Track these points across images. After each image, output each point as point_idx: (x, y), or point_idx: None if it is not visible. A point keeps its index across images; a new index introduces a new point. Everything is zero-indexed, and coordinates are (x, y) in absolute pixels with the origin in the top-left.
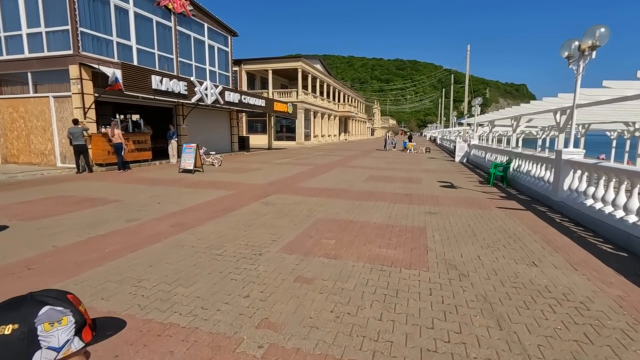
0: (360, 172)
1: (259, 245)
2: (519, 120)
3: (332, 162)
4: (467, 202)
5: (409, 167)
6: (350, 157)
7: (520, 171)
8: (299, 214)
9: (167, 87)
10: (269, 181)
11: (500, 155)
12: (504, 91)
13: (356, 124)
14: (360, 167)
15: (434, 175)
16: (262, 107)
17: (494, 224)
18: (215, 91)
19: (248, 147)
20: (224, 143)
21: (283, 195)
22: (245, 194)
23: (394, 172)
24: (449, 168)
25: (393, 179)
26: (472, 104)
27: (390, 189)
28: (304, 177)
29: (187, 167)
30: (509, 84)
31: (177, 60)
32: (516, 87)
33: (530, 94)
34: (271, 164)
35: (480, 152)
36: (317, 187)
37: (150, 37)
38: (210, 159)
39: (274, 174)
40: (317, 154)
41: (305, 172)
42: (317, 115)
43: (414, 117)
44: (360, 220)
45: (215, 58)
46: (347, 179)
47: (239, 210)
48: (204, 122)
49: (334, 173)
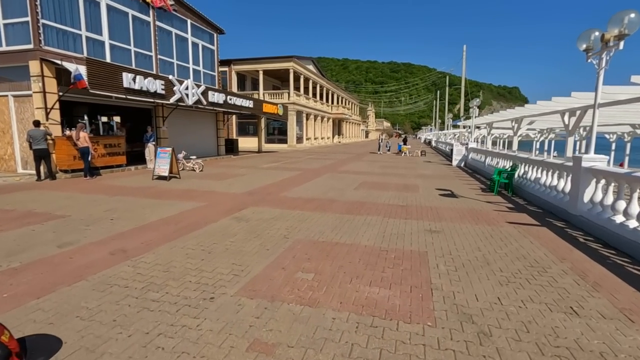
0: (352, 178)
1: (214, 283)
2: (520, 122)
3: (322, 166)
4: (472, 215)
5: (404, 172)
6: (343, 161)
7: (528, 178)
8: (275, 233)
9: (141, 86)
10: (250, 189)
11: (502, 160)
12: (497, 94)
13: (350, 127)
14: (352, 173)
15: (431, 181)
16: (250, 109)
17: (508, 246)
18: (197, 91)
19: (237, 150)
20: (209, 146)
21: (261, 208)
22: (217, 207)
23: (389, 177)
24: (447, 173)
25: (387, 186)
26: (470, 105)
27: (384, 198)
28: (289, 185)
29: (162, 173)
30: (501, 86)
31: (157, 58)
32: (509, 90)
33: (522, 97)
34: (257, 169)
35: (479, 155)
36: (302, 197)
37: (126, 32)
38: (191, 164)
39: (257, 181)
40: (308, 157)
41: (292, 179)
42: (310, 117)
43: (408, 120)
44: (347, 242)
45: (199, 56)
46: (337, 187)
47: (205, 228)
48: (188, 124)
49: (323, 179)
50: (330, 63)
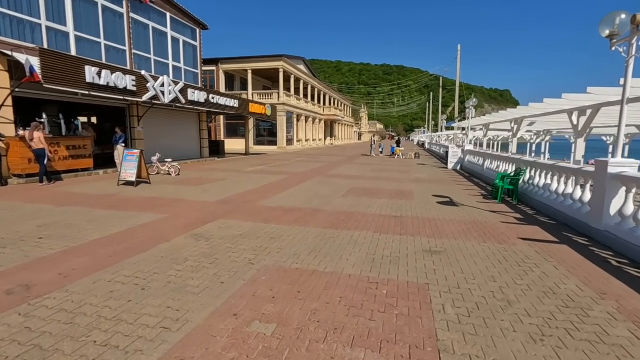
0: (341, 184)
1: (128, 345)
2: (520, 124)
3: (311, 170)
4: (477, 229)
5: (398, 175)
6: (333, 164)
7: (536, 185)
8: (238, 257)
9: (107, 81)
10: (225, 197)
11: (504, 163)
12: (488, 97)
13: (343, 128)
14: (342, 177)
15: (427, 186)
16: (235, 109)
17: (529, 274)
18: (175, 88)
19: (223, 152)
20: (192, 148)
21: (232, 221)
22: (179, 220)
23: (381, 182)
24: (443, 177)
25: (379, 192)
26: (466, 105)
27: (376, 207)
28: (271, 191)
29: (129, 178)
30: (493, 89)
31: (131, 53)
32: (500, 93)
33: (514, 100)
34: (240, 173)
35: (476, 158)
36: (282, 207)
37: (95, 23)
38: (166, 168)
39: (236, 187)
40: (298, 160)
41: (275, 184)
42: (301, 118)
43: (401, 122)
44: (327, 269)
45: (180, 53)
46: (324, 193)
47: (151, 251)
48: (167, 124)
49: (309, 185)
50: (323, 65)
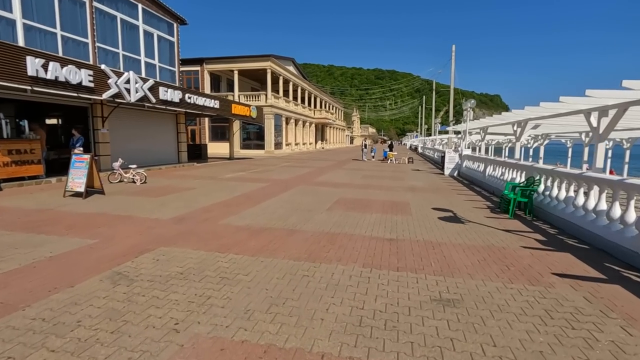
0: (328, 193)
1: None
2: (524, 126)
3: (296, 176)
4: (496, 258)
5: (391, 183)
6: (321, 170)
7: (555, 198)
8: (160, 320)
9: (56, 75)
10: (184, 213)
11: (511, 170)
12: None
13: (334, 132)
14: (329, 185)
15: (424, 196)
16: (216, 110)
17: (595, 346)
18: (144, 86)
19: (205, 156)
20: (168, 153)
21: (176, 250)
22: (109, 248)
23: (373, 192)
24: (440, 185)
25: (370, 204)
26: (464, 107)
27: (366, 225)
28: (244, 203)
29: (77, 188)
30: (483, 94)
31: (95, 46)
32: (490, 98)
33: (503, 104)
34: (215, 180)
35: (476, 164)
36: (249, 226)
37: (49, 11)
38: (130, 175)
39: (203, 198)
40: (284, 165)
41: (251, 194)
42: (290, 121)
43: (393, 126)
44: (289, 343)
45: (154, 48)
46: (305, 206)
47: (30, 309)
48: (139, 126)
49: (290, 195)
50: (315, 69)
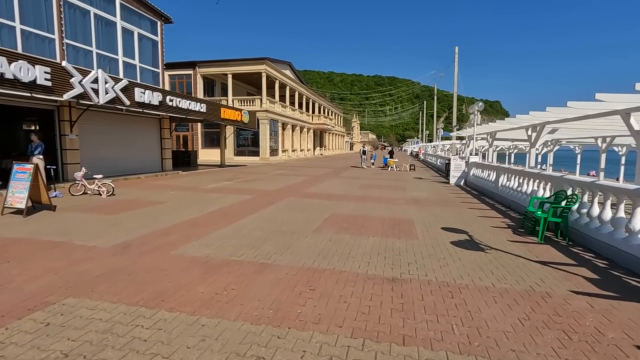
0: (319, 208)
1: None
2: (541, 131)
3: (286, 186)
4: (546, 318)
5: (391, 194)
6: (316, 178)
7: (601, 219)
8: None
9: (1, 71)
10: (135, 237)
11: (532, 182)
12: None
13: (333, 138)
14: (322, 197)
15: (430, 211)
16: (202, 114)
17: None
18: (115, 86)
19: (195, 164)
20: (150, 160)
21: (90, 302)
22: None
23: (371, 205)
24: (447, 196)
25: (367, 223)
26: (470, 110)
27: (360, 257)
28: (214, 222)
29: (17, 204)
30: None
31: (62, 43)
32: (490, 104)
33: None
34: (194, 192)
35: (486, 173)
36: (208, 258)
37: (7, 2)
38: (95, 186)
39: (168, 216)
40: (277, 173)
41: (228, 209)
42: (287, 127)
43: (393, 132)
44: None
45: (134, 47)
46: (289, 226)
47: None
48: (116, 132)
49: (275, 210)
50: (315, 76)
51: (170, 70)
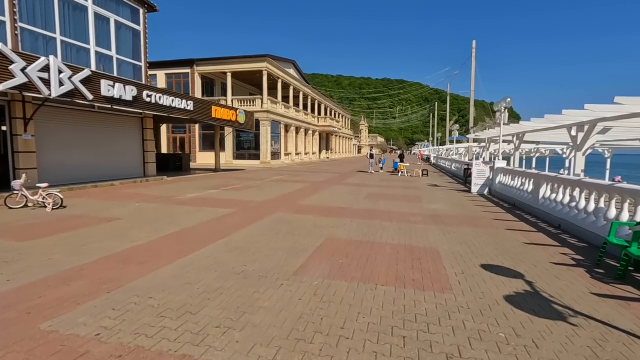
0: (310, 230)
1: None
2: (591, 130)
3: (280, 196)
4: None
5: (405, 206)
6: (317, 186)
7: None
8: None
9: None
10: (4, 290)
11: (601, 196)
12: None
13: (340, 141)
14: (318, 212)
15: (459, 235)
16: (189, 112)
17: None
18: (74, 77)
19: (187, 168)
20: (129, 165)
21: None
22: None
23: (379, 224)
24: (473, 210)
25: (374, 255)
26: (495, 107)
27: (359, 336)
28: (156, 255)
29: None
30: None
31: (15, 27)
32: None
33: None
34: (164, 204)
35: (519, 181)
36: (89, 345)
37: None
38: (40, 197)
39: (100, 245)
40: (274, 179)
41: (191, 231)
42: (291, 129)
43: (402, 135)
44: None
45: (111, 37)
46: (260, 264)
47: None
48: (88, 132)
49: (250, 234)
50: (324, 79)
51: (167, 69)
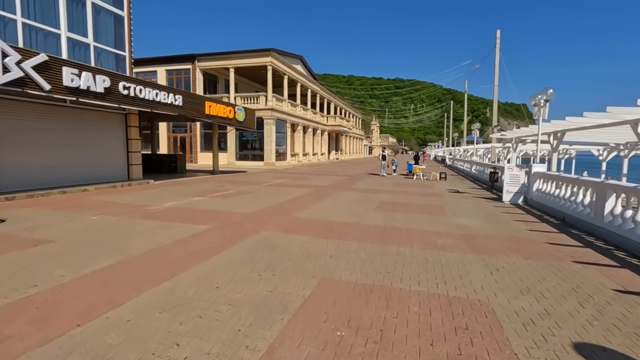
0: (298, 262)
1: None
2: None
3: (273, 206)
4: None
5: (426, 222)
6: (321, 191)
7: None
8: None
9: None
10: None
11: None
12: (504, 111)
13: (350, 141)
14: (314, 230)
15: (510, 271)
16: (176, 108)
17: None
18: (24, 63)
19: (182, 169)
20: (110, 167)
21: None
22: None
23: (395, 251)
24: (514, 227)
25: (391, 312)
26: (531, 101)
27: None
28: (87, 299)
29: None
30: (508, 103)
31: None
32: (516, 107)
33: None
34: (128, 216)
35: (569, 190)
36: None
37: None
38: None
39: (28, 276)
40: (274, 183)
41: (146, 259)
42: (297, 128)
43: (414, 136)
44: None
45: (87, 21)
46: (208, 334)
47: None
48: (58, 130)
49: (213, 269)
50: (335, 80)
51: (167, 65)
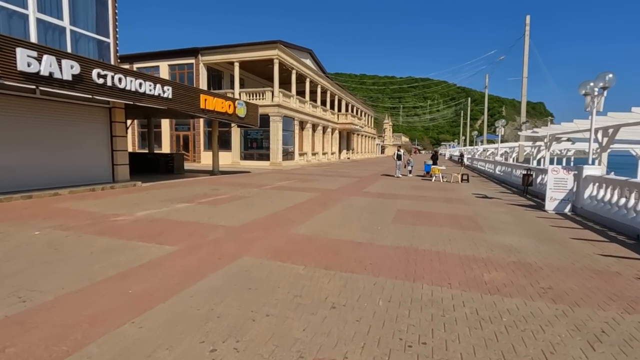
0: (282, 320)
1: None
2: None
3: (268, 216)
4: None
5: (458, 238)
6: (328, 196)
7: None
8: None
9: None
10: None
11: None
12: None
13: (362, 140)
14: (314, 254)
15: (610, 341)
16: (165, 101)
17: None
18: None
19: (180, 169)
20: (93, 167)
21: None
22: None
23: (427, 293)
24: (581, 251)
25: None
26: (582, 90)
27: None
28: None
29: None
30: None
31: None
32: (533, 106)
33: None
34: (87, 229)
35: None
36: None
37: None
38: None
39: None
40: (277, 185)
41: (52, 315)
42: (306, 126)
43: (427, 135)
44: None
45: (62, 2)
46: None
47: None
48: (27, 124)
49: (159, 321)
50: (347, 79)
51: (169, 60)
